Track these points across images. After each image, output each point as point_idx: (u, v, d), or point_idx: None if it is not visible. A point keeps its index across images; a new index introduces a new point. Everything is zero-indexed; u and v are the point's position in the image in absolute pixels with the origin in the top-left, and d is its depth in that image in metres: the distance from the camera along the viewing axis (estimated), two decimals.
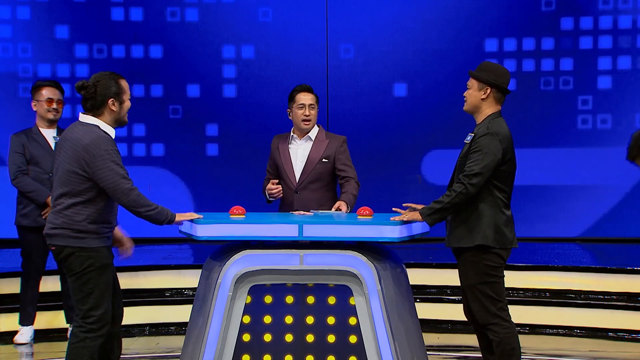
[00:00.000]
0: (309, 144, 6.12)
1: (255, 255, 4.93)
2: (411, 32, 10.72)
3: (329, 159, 6.06)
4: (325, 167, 6.06)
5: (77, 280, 4.99)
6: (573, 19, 10.62)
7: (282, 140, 6.17)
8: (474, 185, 5.05)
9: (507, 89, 5.26)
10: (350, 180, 6.06)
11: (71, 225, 4.95)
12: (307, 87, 6.15)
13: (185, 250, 9.99)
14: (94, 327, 4.99)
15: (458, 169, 5.21)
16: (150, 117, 10.80)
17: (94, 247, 4.97)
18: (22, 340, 7.30)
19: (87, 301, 4.98)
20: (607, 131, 10.60)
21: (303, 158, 6.08)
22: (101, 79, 5.03)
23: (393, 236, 4.89)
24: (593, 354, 7.13)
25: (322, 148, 6.08)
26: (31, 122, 7.39)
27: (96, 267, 4.98)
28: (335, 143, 6.11)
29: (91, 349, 4.98)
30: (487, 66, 5.27)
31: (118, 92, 5.04)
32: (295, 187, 6.03)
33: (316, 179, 6.04)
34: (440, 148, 10.73)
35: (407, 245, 6.09)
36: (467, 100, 5.28)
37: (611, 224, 10.57)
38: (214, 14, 10.79)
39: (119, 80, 5.07)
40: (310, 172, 6.04)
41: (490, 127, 5.14)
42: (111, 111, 5.03)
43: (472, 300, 5.16)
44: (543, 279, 8.08)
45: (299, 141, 6.13)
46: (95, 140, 4.93)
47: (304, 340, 4.96)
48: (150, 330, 7.93)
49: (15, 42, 10.68)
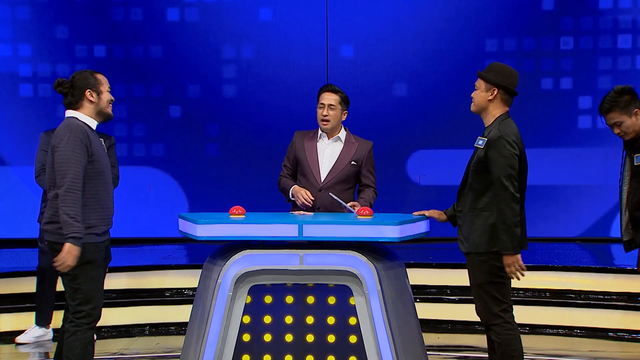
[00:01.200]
0: (337, 145, 6.08)
1: (255, 255, 4.93)
2: (411, 32, 10.72)
3: (357, 162, 6.04)
4: (353, 169, 6.03)
5: (65, 275, 5.04)
6: (573, 19, 10.62)
7: (308, 137, 6.12)
8: (512, 186, 4.99)
9: (515, 90, 5.23)
10: (370, 188, 6.08)
11: (56, 219, 4.98)
12: (330, 87, 6.13)
13: (185, 250, 9.99)
14: (83, 321, 5.05)
15: (471, 175, 5.15)
16: (150, 117, 10.80)
17: (83, 242, 4.97)
18: (23, 340, 7.30)
19: (76, 296, 5.04)
20: (606, 131, 10.56)
21: (331, 157, 6.04)
22: (77, 74, 5.14)
23: (393, 236, 4.89)
24: (593, 354, 7.13)
25: (353, 150, 6.05)
26: (30, 121, 7.39)
27: (82, 263, 4.99)
28: (364, 147, 6.09)
29: (83, 341, 5.05)
30: (495, 67, 5.25)
31: (95, 83, 5.11)
32: (320, 185, 5.98)
33: (342, 180, 6.00)
34: (441, 148, 10.74)
35: (407, 245, 6.09)
36: (474, 101, 5.25)
37: (611, 224, 10.57)
38: (214, 14, 10.79)
39: (95, 74, 5.16)
40: (338, 173, 6.01)
41: (502, 129, 5.10)
42: (90, 102, 5.09)
43: (476, 299, 5.15)
44: (543, 279, 8.07)
45: (327, 141, 6.08)
46: (63, 127, 5.01)
47: (304, 340, 4.96)
48: (150, 330, 7.93)
49: (15, 42, 10.68)
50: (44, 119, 10.31)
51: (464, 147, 10.56)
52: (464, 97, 11.22)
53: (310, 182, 6.00)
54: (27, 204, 10.28)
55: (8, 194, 10.61)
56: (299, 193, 5.94)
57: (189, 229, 5.10)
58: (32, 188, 7.15)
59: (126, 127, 10.80)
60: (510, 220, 4.96)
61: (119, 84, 10.66)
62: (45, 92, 10.59)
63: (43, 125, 9.99)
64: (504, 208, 4.98)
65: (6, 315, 7.71)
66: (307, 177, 6.02)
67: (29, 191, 10.27)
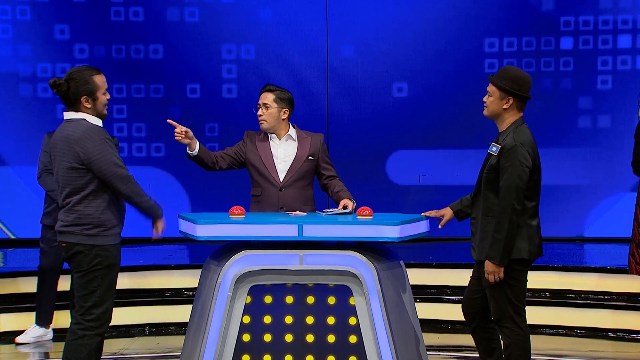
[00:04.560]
0: (290, 143, 6.05)
1: (255, 255, 4.93)
2: (411, 32, 10.72)
3: (314, 157, 6.04)
4: (310, 165, 6.03)
5: (82, 277, 5.00)
6: (573, 19, 10.62)
7: (258, 138, 6.09)
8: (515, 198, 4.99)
9: (529, 95, 5.21)
10: (335, 178, 6.08)
11: (82, 220, 4.97)
12: (267, 87, 6.10)
13: (185, 250, 10.00)
14: (92, 324, 4.99)
15: (484, 182, 5.14)
16: (150, 117, 10.80)
17: (103, 245, 4.99)
18: (23, 340, 7.30)
19: (90, 299, 4.99)
20: (607, 131, 10.60)
21: (286, 156, 6.02)
22: (75, 76, 5.01)
23: (393, 236, 4.89)
24: (593, 354, 7.13)
25: (307, 146, 6.04)
26: (30, 121, 7.39)
27: (103, 266, 4.99)
28: (317, 140, 6.07)
29: (89, 347, 4.99)
30: (508, 73, 5.15)
31: (91, 89, 5.01)
32: (281, 184, 5.98)
33: (301, 177, 6.00)
34: (441, 148, 10.74)
35: (407, 245, 6.09)
36: (488, 108, 5.19)
37: (611, 224, 10.57)
38: (214, 14, 10.79)
39: (93, 77, 5.03)
40: (296, 170, 6.00)
41: (517, 137, 5.08)
42: (86, 108, 5.03)
43: (490, 299, 5.14)
44: (543, 279, 8.07)
45: (279, 141, 6.05)
46: (86, 131, 4.95)
47: (304, 340, 4.96)
48: (150, 330, 7.93)
49: (15, 42, 10.68)
50: (44, 119, 10.31)
51: (464, 147, 10.61)
52: (465, 97, 11.27)
53: (270, 183, 5.97)
54: (27, 204, 10.29)
55: (8, 194, 10.60)
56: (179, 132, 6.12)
57: (189, 229, 5.10)
58: (32, 188, 7.14)
59: (126, 127, 10.80)
60: (502, 233, 4.98)
61: (119, 84, 10.66)
62: (45, 92, 10.58)
63: (43, 125, 10.00)
64: (502, 219, 4.99)
65: (6, 315, 7.71)
66: (266, 178, 5.98)
67: (29, 191, 10.27)
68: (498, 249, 5.00)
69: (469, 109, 10.05)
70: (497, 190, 5.06)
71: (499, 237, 4.99)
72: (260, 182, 6.01)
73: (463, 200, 5.37)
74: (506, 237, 4.99)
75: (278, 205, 5.92)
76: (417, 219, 5.19)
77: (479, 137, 9.02)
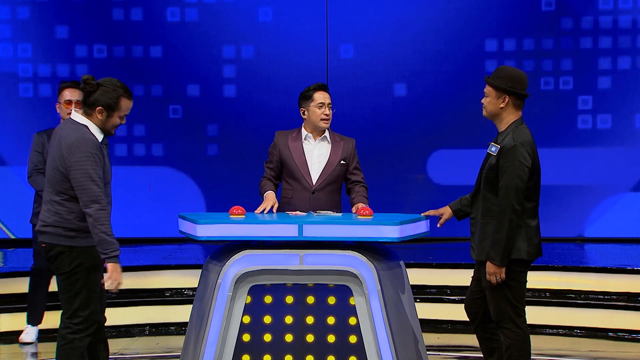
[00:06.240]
0: (324, 145, 5.98)
1: (255, 255, 4.93)
2: (411, 32, 10.72)
3: (346, 161, 5.98)
4: (342, 169, 5.96)
5: (65, 279, 4.96)
6: (573, 19, 10.62)
7: (291, 137, 6.00)
8: (515, 198, 4.99)
9: (526, 93, 5.21)
10: (360, 184, 6.00)
11: (62, 223, 4.93)
12: (324, 86, 6.06)
13: (185, 250, 9.99)
14: (80, 327, 4.95)
15: (483, 182, 5.13)
16: (150, 117, 10.80)
17: (83, 246, 4.94)
18: (28, 339, 7.30)
19: (74, 301, 4.95)
20: (607, 131, 10.60)
21: (320, 158, 5.95)
22: (107, 85, 4.98)
23: (393, 236, 4.89)
24: (593, 354, 7.13)
25: (340, 150, 5.97)
26: (30, 122, 7.39)
27: (85, 268, 4.94)
28: (349, 145, 6.01)
29: (80, 349, 4.96)
30: (503, 72, 5.17)
31: (112, 106, 4.97)
32: (313, 187, 5.93)
33: (333, 181, 5.93)
34: (441, 148, 10.74)
35: (407, 245, 6.09)
36: (486, 109, 5.19)
37: (611, 224, 10.57)
38: (214, 14, 10.79)
39: (121, 97, 5.00)
40: (329, 174, 5.93)
41: (516, 137, 5.08)
42: (97, 118, 4.99)
43: (490, 300, 5.14)
44: (543, 279, 8.07)
45: (314, 142, 5.99)
46: (79, 139, 4.89)
47: (304, 340, 4.96)
48: (150, 330, 7.93)
49: (15, 42, 10.68)
50: (44, 119, 10.30)
51: (464, 147, 10.61)
52: (464, 97, 11.27)
53: (303, 185, 5.92)
54: (27, 204, 10.26)
55: (8, 194, 10.60)
56: (266, 202, 5.82)
57: (189, 229, 5.10)
58: (32, 188, 7.14)
59: (126, 127, 10.79)
60: (502, 234, 4.99)
61: None
62: (45, 92, 10.58)
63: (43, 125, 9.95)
64: (501, 219, 5.00)
65: (6, 315, 7.71)
66: (299, 180, 5.93)
67: (29, 191, 10.26)
68: (498, 250, 5.00)
69: (469, 109, 10.04)
70: (496, 190, 5.06)
71: (499, 238, 5.00)
72: (293, 185, 5.94)
73: (462, 199, 5.37)
74: (506, 237, 4.99)
75: (309, 209, 5.79)
76: (417, 219, 5.18)
77: (479, 137, 9.02)
